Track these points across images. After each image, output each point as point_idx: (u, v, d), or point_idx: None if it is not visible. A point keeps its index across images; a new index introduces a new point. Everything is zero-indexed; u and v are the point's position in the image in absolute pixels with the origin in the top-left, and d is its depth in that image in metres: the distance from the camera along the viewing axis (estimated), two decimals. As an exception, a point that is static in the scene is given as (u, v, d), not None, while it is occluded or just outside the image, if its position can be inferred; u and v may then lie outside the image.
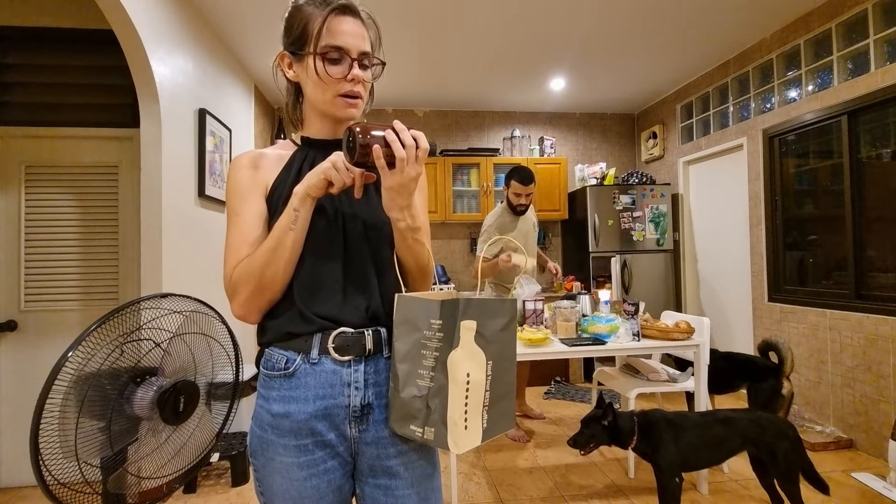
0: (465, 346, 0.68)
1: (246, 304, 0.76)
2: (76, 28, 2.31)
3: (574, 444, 1.86)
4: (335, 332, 0.77)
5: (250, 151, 0.85)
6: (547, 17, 2.86)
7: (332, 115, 0.82)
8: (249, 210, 0.80)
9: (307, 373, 0.76)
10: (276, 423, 0.76)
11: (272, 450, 0.76)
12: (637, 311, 2.21)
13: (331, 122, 0.85)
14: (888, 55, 2.43)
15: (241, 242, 0.78)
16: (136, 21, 2.02)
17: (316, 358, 0.76)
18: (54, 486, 1.25)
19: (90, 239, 2.32)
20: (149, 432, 1.45)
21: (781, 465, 1.72)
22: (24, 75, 2.31)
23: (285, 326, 0.77)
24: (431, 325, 0.70)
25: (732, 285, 3.64)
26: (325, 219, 0.80)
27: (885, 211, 2.49)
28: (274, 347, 0.79)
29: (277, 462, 0.76)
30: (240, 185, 0.81)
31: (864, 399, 2.53)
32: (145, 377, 1.45)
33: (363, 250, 0.81)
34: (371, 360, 0.79)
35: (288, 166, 0.84)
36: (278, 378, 0.77)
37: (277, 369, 0.77)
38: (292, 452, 0.75)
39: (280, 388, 0.77)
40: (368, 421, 0.78)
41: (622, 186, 4.06)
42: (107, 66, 2.29)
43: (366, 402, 0.78)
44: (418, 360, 0.71)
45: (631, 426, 1.81)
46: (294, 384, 0.76)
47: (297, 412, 0.75)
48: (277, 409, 0.76)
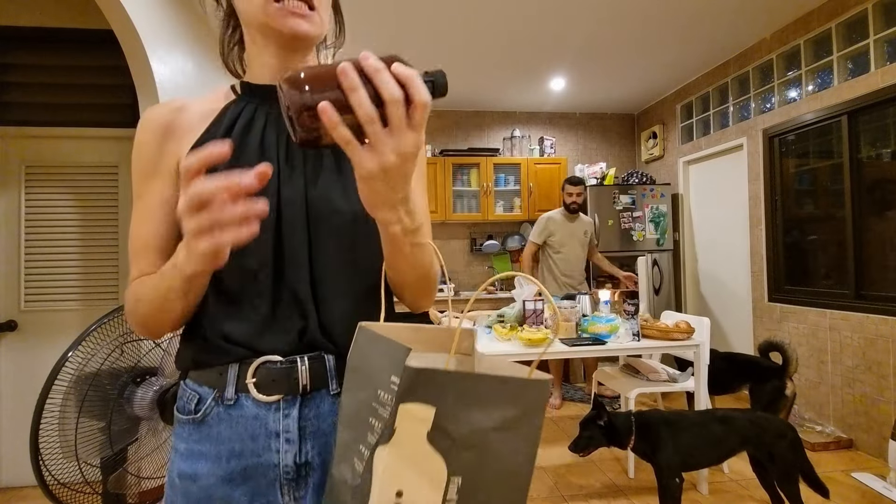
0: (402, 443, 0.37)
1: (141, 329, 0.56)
2: (76, 28, 2.31)
3: (574, 449, 1.86)
4: (256, 363, 0.55)
5: (167, 103, 0.62)
6: (547, 17, 2.86)
7: (272, 31, 0.56)
8: (152, 195, 0.58)
9: (220, 419, 0.55)
10: (183, 485, 0.55)
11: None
12: (637, 311, 2.21)
13: (275, 51, 0.59)
14: (888, 55, 2.43)
15: (141, 246, 0.57)
16: (136, 21, 2.01)
17: (231, 398, 0.55)
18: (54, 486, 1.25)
19: (90, 239, 2.32)
20: (149, 432, 1.45)
21: (780, 465, 1.72)
22: (24, 75, 2.31)
23: (193, 353, 0.57)
24: (391, 385, 0.38)
25: (732, 285, 3.64)
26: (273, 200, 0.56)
27: (885, 211, 2.49)
28: (188, 380, 0.58)
29: None
30: (142, 158, 0.59)
31: (864, 399, 2.53)
32: (145, 377, 1.45)
33: (302, 248, 0.57)
34: (311, 399, 0.56)
35: (214, 125, 0.60)
36: (187, 424, 0.56)
37: (187, 412, 0.56)
38: None
39: (188, 439, 0.56)
40: (307, 486, 0.56)
41: (622, 186, 4.06)
42: (107, 66, 2.29)
43: (302, 461, 0.55)
44: (363, 432, 0.42)
45: (628, 426, 1.81)
46: (204, 434, 0.55)
47: (206, 474, 0.54)
48: (183, 467, 0.55)
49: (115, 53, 2.11)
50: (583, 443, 1.85)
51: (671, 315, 2.63)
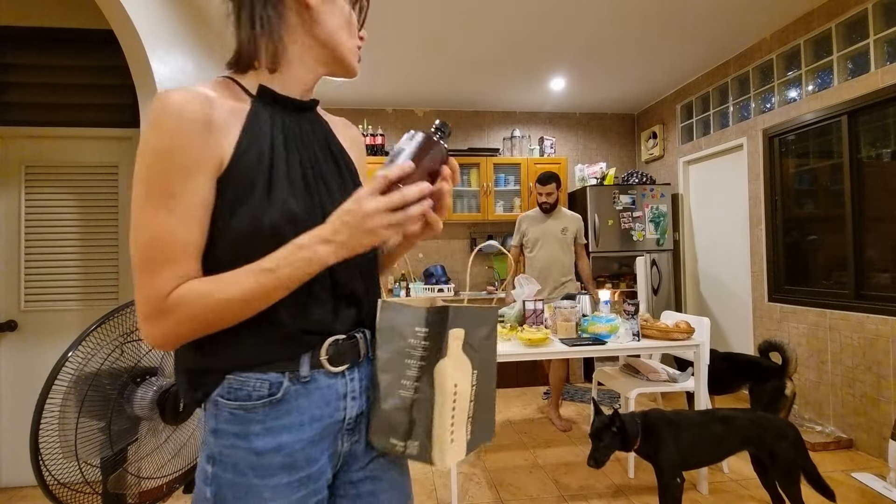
0: (452, 355, 0.63)
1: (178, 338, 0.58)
2: (76, 28, 2.31)
3: (596, 464, 1.77)
4: (328, 342, 0.66)
5: (195, 94, 0.58)
6: (547, 17, 2.86)
7: (343, 63, 0.69)
8: (194, 195, 0.57)
9: (298, 394, 0.63)
10: (260, 462, 0.61)
11: (254, 497, 0.60)
12: (637, 311, 2.21)
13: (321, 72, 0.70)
14: (888, 55, 2.43)
15: (180, 248, 0.56)
16: (136, 21, 2.01)
17: (307, 375, 0.64)
18: (54, 486, 1.25)
19: (90, 239, 2.32)
20: (149, 432, 1.45)
21: (781, 465, 1.72)
22: (24, 75, 2.31)
23: (261, 349, 0.62)
24: (416, 334, 0.66)
25: (732, 285, 3.64)
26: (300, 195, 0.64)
27: (885, 211, 2.49)
28: (241, 373, 0.62)
29: None
30: (183, 152, 0.56)
31: (864, 399, 2.53)
32: (145, 377, 1.45)
33: None
34: (362, 364, 0.70)
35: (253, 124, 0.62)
36: (261, 408, 0.62)
37: (257, 397, 0.62)
38: (282, 493, 0.61)
39: (265, 420, 0.62)
40: (360, 431, 0.70)
41: (622, 186, 4.06)
42: (107, 66, 2.29)
43: (360, 412, 0.70)
44: (401, 370, 0.66)
45: (635, 429, 1.79)
46: (283, 410, 0.62)
47: (292, 442, 0.62)
48: (263, 444, 0.61)
49: (115, 53, 2.11)
50: (601, 454, 1.77)
51: (671, 315, 2.63)
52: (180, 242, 0.56)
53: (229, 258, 0.58)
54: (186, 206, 0.56)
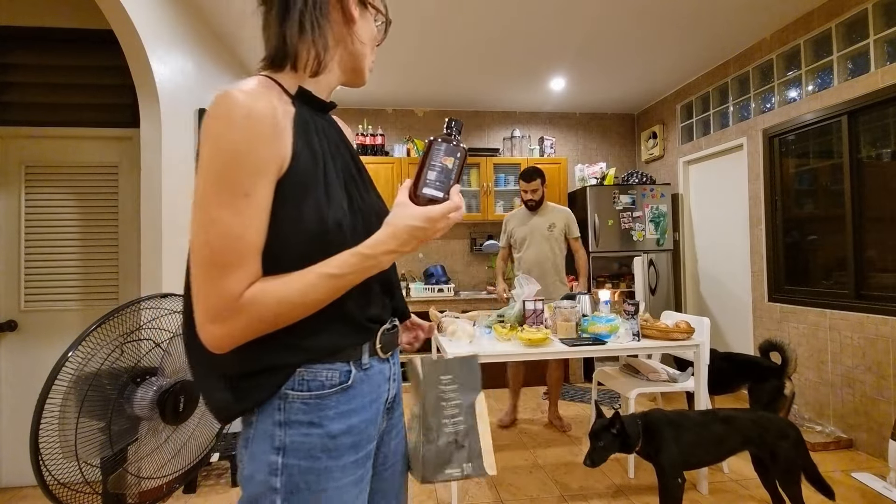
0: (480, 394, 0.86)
1: (243, 338, 0.59)
2: (76, 28, 2.31)
3: (592, 464, 1.77)
4: (380, 331, 0.74)
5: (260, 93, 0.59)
6: (547, 17, 2.86)
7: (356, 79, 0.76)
8: (263, 197, 0.59)
9: (361, 380, 0.70)
10: (334, 444, 0.66)
11: (325, 479, 0.64)
12: (637, 311, 2.21)
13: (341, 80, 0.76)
14: (888, 55, 2.43)
15: (252, 247, 0.58)
16: (136, 21, 2.01)
17: (367, 363, 0.72)
18: (54, 486, 1.25)
19: (90, 239, 2.32)
20: (149, 432, 1.45)
21: (782, 465, 1.72)
22: (24, 75, 2.31)
23: (335, 340, 0.67)
24: (442, 381, 0.84)
25: (732, 285, 3.64)
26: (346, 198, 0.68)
27: (885, 211, 2.49)
28: (311, 365, 0.66)
29: (331, 490, 0.65)
30: (254, 155, 0.57)
31: (864, 399, 2.53)
32: (145, 377, 1.45)
33: None
34: (396, 350, 0.81)
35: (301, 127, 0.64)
36: (334, 395, 0.67)
37: (330, 386, 0.67)
38: (349, 471, 0.67)
39: (337, 405, 0.67)
40: (394, 409, 0.81)
41: (622, 186, 4.06)
42: (107, 66, 2.29)
43: (396, 392, 0.81)
44: (440, 412, 0.82)
45: (636, 430, 1.79)
46: (351, 395, 0.68)
47: (358, 423, 0.69)
48: (337, 427, 0.66)
49: (115, 53, 2.11)
50: (598, 455, 1.77)
51: (671, 315, 2.63)
52: (251, 243, 0.58)
53: (291, 257, 0.60)
54: (256, 208, 0.58)
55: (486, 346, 2.16)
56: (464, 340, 2.19)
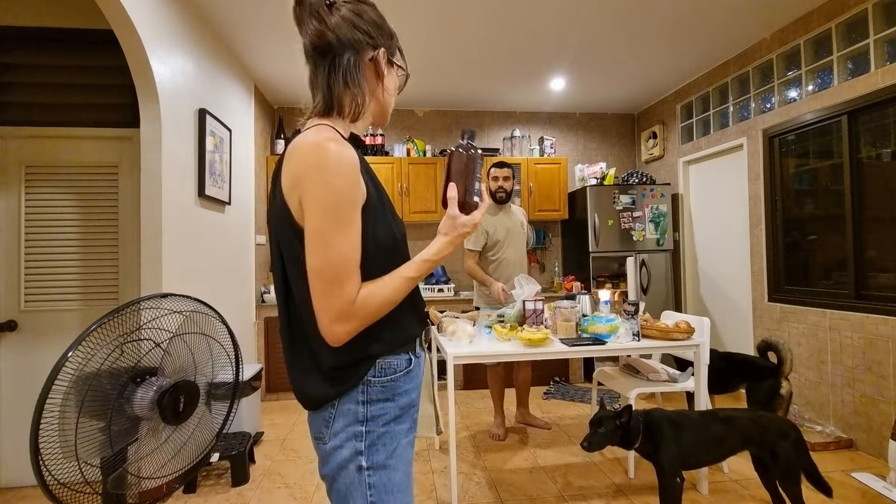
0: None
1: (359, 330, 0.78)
2: (76, 28, 2.31)
3: (589, 447, 1.81)
4: (425, 328, 0.96)
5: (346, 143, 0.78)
6: (547, 17, 2.86)
7: (385, 119, 0.94)
8: (358, 224, 0.77)
9: (416, 365, 0.90)
10: (402, 413, 0.86)
11: (395, 439, 0.85)
12: (637, 311, 2.21)
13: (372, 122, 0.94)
14: (888, 55, 2.43)
15: (357, 263, 0.76)
16: (136, 21, 2.01)
17: (419, 352, 0.93)
18: (54, 486, 1.25)
19: (90, 239, 2.32)
20: (149, 432, 1.45)
21: (782, 464, 1.72)
22: (24, 75, 2.31)
23: (410, 332, 0.89)
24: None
25: (732, 285, 3.64)
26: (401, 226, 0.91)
27: (885, 211, 2.49)
28: (386, 357, 0.85)
29: (399, 447, 0.85)
30: (353, 193, 0.76)
31: (864, 399, 2.53)
32: (145, 377, 1.45)
33: None
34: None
35: (368, 172, 0.84)
36: (401, 378, 0.86)
37: (400, 371, 0.86)
38: (407, 433, 0.88)
39: (404, 385, 0.87)
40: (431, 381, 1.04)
41: (622, 186, 4.07)
42: (107, 66, 2.29)
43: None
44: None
45: (637, 426, 1.80)
46: (411, 377, 0.89)
47: (414, 398, 0.90)
48: (405, 401, 0.87)
49: (115, 53, 2.11)
50: (598, 441, 1.81)
51: (671, 315, 2.62)
52: (356, 259, 0.76)
53: (373, 263, 0.80)
54: (355, 232, 0.76)
55: (486, 346, 2.16)
56: (464, 340, 2.19)
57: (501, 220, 2.88)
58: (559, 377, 4.08)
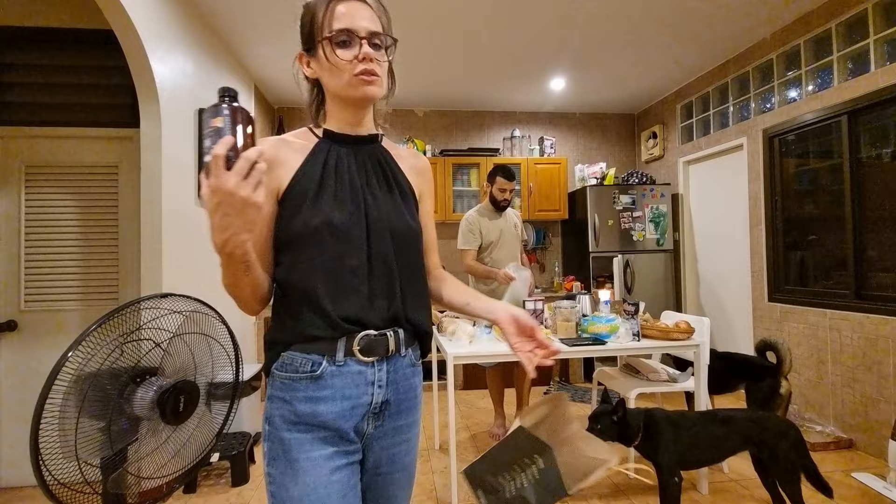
0: None
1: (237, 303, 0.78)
2: (76, 28, 2.31)
3: None
4: (360, 335, 0.78)
5: (266, 144, 0.79)
6: (547, 17, 2.86)
7: (352, 98, 0.81)
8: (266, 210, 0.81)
9: (334, 374, 0.77)
10: (303, 420, 0.76)
11: (297, 449, 0.75)
12: (637, 311, 2.21)
13: (352, 110, 0.84)
14: (888, 55, 2.43)
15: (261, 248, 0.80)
16: (136, 21, 2.01)
17: (342, 360, 0.78)
18: (54, 486, 1.25)
19: (90, 239, 2.32)
20: (149, 432, 1.45)
21: (782, 464, 1.72)
22: (24, 75, 2.31)
23: (309, 329, 0.76)
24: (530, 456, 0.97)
25: (732, 285, 3.64)
26: (345, 208, 0.79)
27: (885, 211, 2.49)
28: (293, 351, 0.77)
29: (303, 461, 0.74)
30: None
31: (864, 399, 2.53)
32: (145, 377, 1.45)
33: (387, 248, 0.81)
34: (392, 359, 0.82)
35: (311, 157, 0.82)
36: (303, 380, 0.77)
37: (302, 372, 0.77)
38: (319, 446, 0.76)
39: (306, 390, 0.76)
40: (384, 416, 0.83)
41: (622, 186, 4.07)
42: (107, 66, 2.29)
43: (385, 399, 0.82)
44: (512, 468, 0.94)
45: (638, 423, 1.80)
46: (321, 385, 0.77)
47: (325, 412, 0.76)
48: (304, 408, 0.76)
49: (115, 53, 2.11)
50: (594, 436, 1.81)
51: (671, 315, 2.63)
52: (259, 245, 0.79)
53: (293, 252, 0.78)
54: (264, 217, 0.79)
55: (486, 346, 2.16)
56: (464, 340, 2.19)
57: (495, 223, 2.92)
58: (559, 377, 4.08)
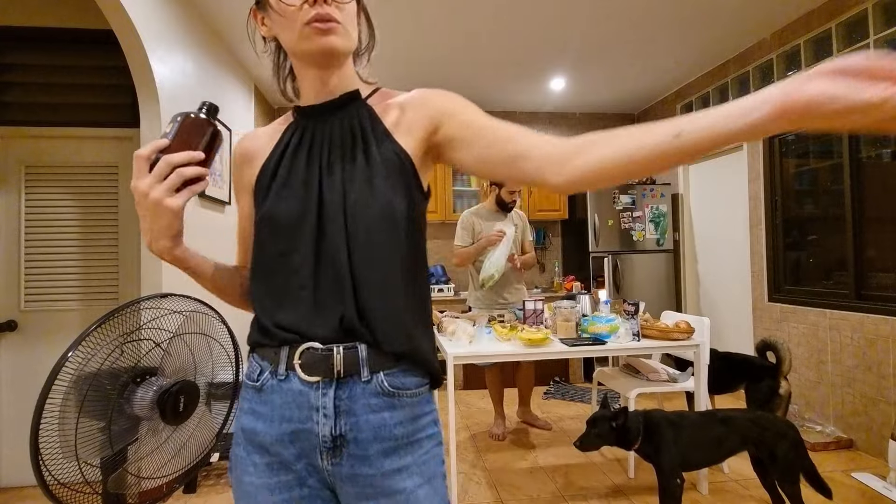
0: None
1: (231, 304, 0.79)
2: (76, 28, 2.31)
3: (581, 446, 1.81)
4: (301, 347, 0.63)
5: (244, 138, 0.76)
6: (547, 16, 2.86)
7: (307, 53, 0.64)
8: (241, 210, 0.80)
9: (273, 389, 0.65)
10: (245, 437, 0.66)
11: (241, 467, 0.66)
12: (637, 311, 2.21)
13: (314, 71, 0.68)
14: (888, 55, 2.43)
15: (238, 243, 0.81)
16: (136, 21, 2.01)
17: (283, 373, 0.64)
18: (54, 486, 1.25)
19: (90, 239, 2.32)
20: (149, 432, 1.45)
21: (781, 465, 1.72)
22: (24, 75, 2.30)
23: (255, 334, 0.68)
24: None
25: (732, 285, 3.64)
26: (292, 196, 0.66)
27: (885, 211, 2.49)
28: (254, 353, 0.70)
29: (246, 483, 0.65)
30: (234, 183, 0.79)
31: (864, 399, 2.53)
32: (145, 377, 1.45)
33: (340, 239, 0.64)
34: (345, 383, 0.63)
35: (276, 145, 0.72)
36: (251, 389, 0.67)
37: (252, 379, 0.67)
38: (262, 472, 0.64)
39: (251, 401, 0.67)
40: (342, 455, 0.63)
41: (622, 186, 4.07)
42: (107, 66, 2.29)
43: (337, 433, 0.63)
44: None
45: (637, 427, 1.80)
46: (262, 399, 0.66)
47: (264, 432, 0.65)
48: (246, 423, 0.67)
49: (115, 53, 2.11)
50: (590, 440, 1.81)
51: (671, 315, 2.63)
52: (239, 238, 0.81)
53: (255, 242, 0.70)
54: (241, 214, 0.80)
55: (486, 346, 2.16)
56: (464, 340, 2.19)
57: (489, 224, 2.88)
58: (559, 377, 4.08)
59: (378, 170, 0.65)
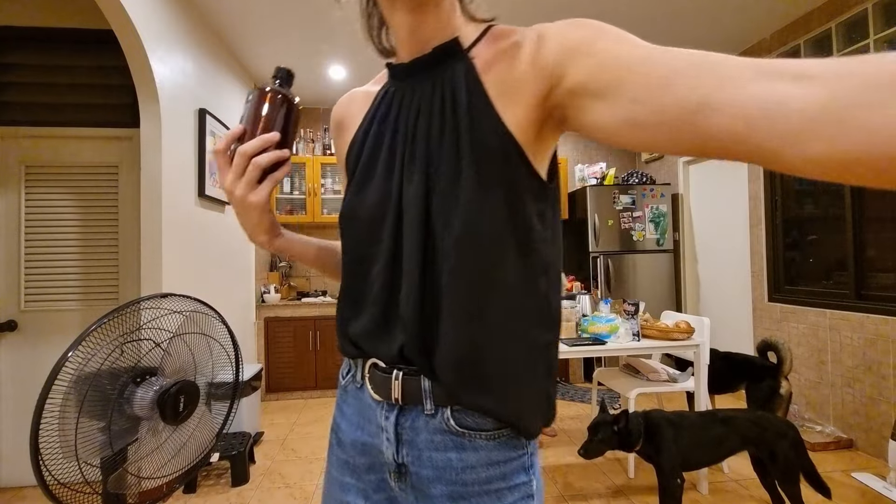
0: None
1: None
2: (76, 28, 2.31)
3: (585, 454, 1.80)
4: (369, 363, 0.58)
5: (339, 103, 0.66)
6: (547, 17, 2.86)
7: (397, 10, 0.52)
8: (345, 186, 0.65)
9: (352, 394, 0.62)
10: (334, 428, 0.65)
11: (329, 455, 0.65)
12: (637, 311, 2.21)
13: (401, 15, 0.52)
14: (888, 55, 2.43)
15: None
16: (136, 21, 2.02)
17: (360, 382, 0.60)
18: (54, 486, 1.25)
19: (90, 239, 2.32)
20: (149, 432, 1.45)
21: (781, 465, 1.72)
22: (24, 75, 2.30)
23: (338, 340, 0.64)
24: None
25: (732, 285, 3.64)
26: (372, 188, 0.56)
27: (885, 211, 2.49)
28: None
29: (329, 470, 0.65)
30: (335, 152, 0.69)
31: (864, 399, 2.53)
32: (145, 377, 1.45)
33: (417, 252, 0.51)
34: (408, 410, 0.54)
35: (368, 114, 0.60)
36: (342, 389, 0.65)
37: (342, 376, 0.65)
38: (340, 467, 0.62)
39: (340, 397, 0.65)
40: (408, 482, 0.56)
41: (622, 186, 4.06)
42: (107, 66, 2.29)
43: (400, 461, 0.55)
44: None
45: (639, 428, 1.80)
46: (345, 399, 0.63)
47: (345, 431, 0.62)
48: (336, 416, 0.65)
49: (115, 53, 2.11)
50: (595, 448, 1.79)
51: (671, 315, 2.63)
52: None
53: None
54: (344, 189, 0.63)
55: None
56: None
57: None
58: (559, 377, 4.08)
59: (467, 162, 0.48)
